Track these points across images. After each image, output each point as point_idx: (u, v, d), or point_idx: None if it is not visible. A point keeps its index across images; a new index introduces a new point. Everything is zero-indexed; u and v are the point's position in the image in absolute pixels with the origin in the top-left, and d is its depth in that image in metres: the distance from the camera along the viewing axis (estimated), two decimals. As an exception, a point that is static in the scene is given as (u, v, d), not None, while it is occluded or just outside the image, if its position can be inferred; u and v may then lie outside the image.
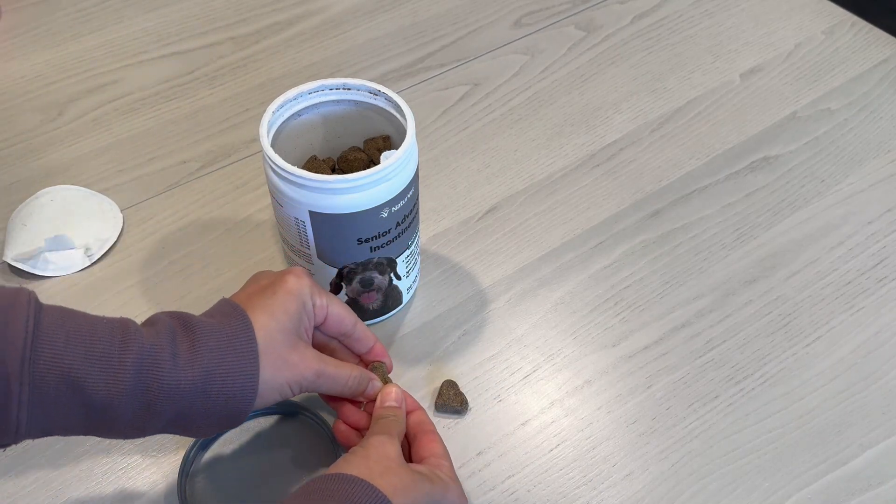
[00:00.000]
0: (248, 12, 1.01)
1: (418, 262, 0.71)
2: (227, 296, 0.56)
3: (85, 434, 0.50)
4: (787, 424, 0.65)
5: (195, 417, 0.51)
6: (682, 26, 0.99)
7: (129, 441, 0.64)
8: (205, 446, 0.63)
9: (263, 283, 0.56)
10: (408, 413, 0.59)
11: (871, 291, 0.73)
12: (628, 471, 0.63)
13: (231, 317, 0.53)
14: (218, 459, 0.62)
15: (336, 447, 0.62)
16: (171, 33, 0.98)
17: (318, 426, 0.64)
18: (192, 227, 0.79)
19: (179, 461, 0.62)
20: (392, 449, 0.53)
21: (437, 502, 0.53)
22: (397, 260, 0.66)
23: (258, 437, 0.64)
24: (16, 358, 0.45)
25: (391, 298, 0.69)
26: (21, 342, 0.45)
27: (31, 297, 0.47)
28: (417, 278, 0.73)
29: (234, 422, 0.53)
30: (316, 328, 0.59)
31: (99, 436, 0.50)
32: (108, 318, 0.50)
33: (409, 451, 0.58)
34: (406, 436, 0.58)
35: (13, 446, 0.50)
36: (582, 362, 0.69)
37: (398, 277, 0.68)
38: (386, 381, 0.61)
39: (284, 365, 0.53)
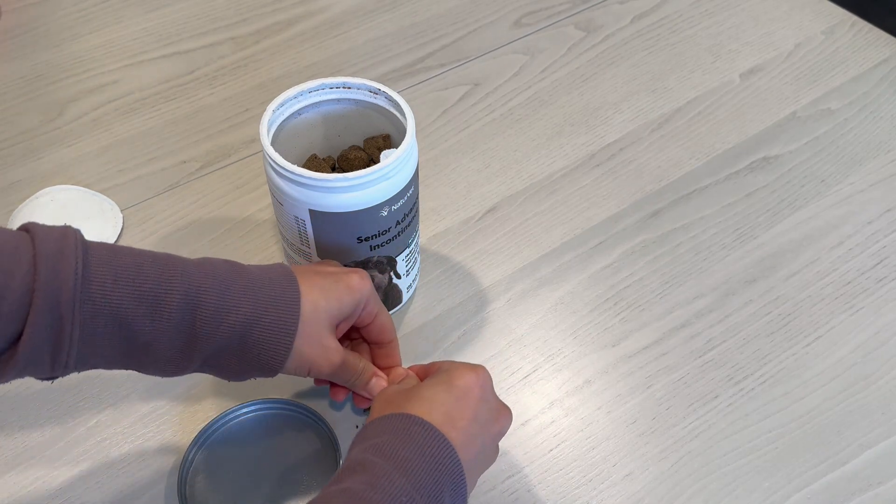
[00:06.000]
0: (249, 12, 1.01)
1: (418, 262, 0.71)
2: None
3: (124, 367, 0.52)
4: (787, 424, 0.65)
5: (230, 362, 0.53)
6: (682, 26, 0.99)
7: (128, 441, 0.64)
8: (205, 446, 0.63)
9: (329, 270, 0.58)
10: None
11: (871, 291, 0.73)
12: (628, 471, 0.63)
13: (283, 279, 0.54)
14: (218, 459, 0.62)
15: (336, 448, 0.62)
16: (171, 33, 0.98)
17: (318, 426, 0.64)
18: (192, 227, 0.79)
19: (179, 461, 0.62)
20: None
21: (448, 382, 0.54)
22: (397, 259, 0.66)
23: (258, 437, 0.64)
24: (68, 300, 0.46)
25: (391, 297, 0.69)
26: (72, 284, 0.46)
27: (78, 238, 0.48)
28: (417, 278, 0.73)
29: (265, 374, 0.55)
30: (356, 328, 0.61)
31: (137, 369, 0.52)
32: (154, 254, 0.51)
33: None
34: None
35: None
36: (582, 362, 0.69)
37: (398, 276, 0.68)
38: None
39: (318, 344, 0.55)
